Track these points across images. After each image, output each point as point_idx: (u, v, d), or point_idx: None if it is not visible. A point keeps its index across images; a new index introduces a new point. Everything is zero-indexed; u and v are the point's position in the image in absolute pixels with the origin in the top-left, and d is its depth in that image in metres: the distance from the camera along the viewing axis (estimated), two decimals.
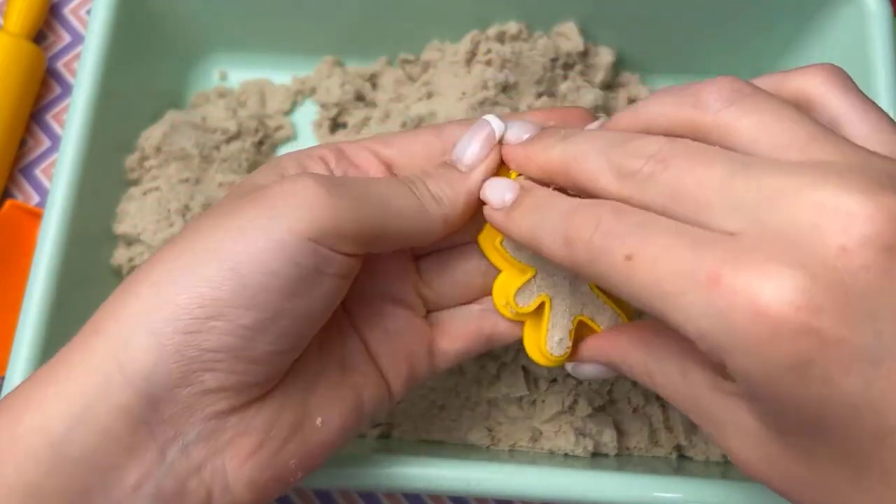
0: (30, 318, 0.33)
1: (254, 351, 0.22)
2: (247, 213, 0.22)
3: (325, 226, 0.22)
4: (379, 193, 0.24)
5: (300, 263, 0.22)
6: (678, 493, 0.30)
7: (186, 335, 0.21)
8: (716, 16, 0.40)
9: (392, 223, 0.24)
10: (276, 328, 0.22)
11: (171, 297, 0.22)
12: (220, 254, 0.22)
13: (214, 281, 0.21)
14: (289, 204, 0.22)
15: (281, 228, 0.22)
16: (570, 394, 0.35)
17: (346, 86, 0.42)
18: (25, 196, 0.43)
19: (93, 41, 0.37)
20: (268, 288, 0.22)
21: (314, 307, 0.23)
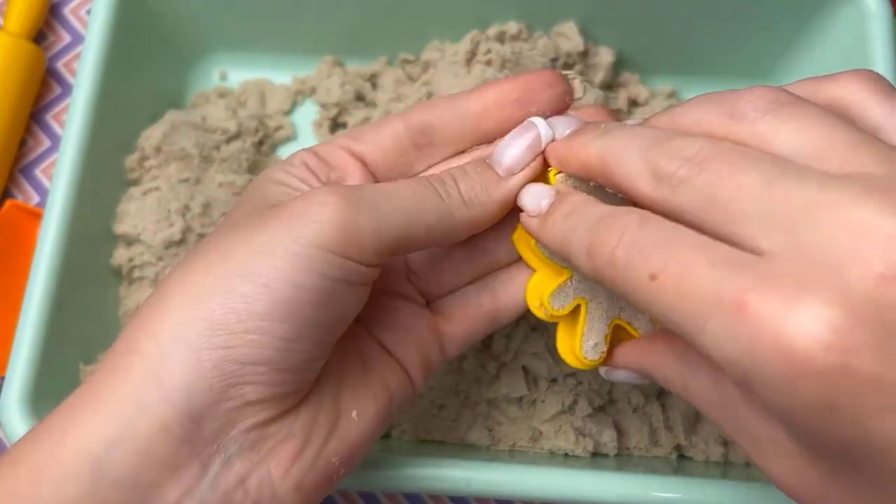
0: (30, 318, 0.33)
1: (290, 361, 0.23)
2: (272, 230, 0.23)
3: (347, 240, 0.23)
4: (404, 201, 0.24)
5: (327, 276, 0.22)
6: (678, 493, 0.30)
7: (224, 350, 0.22)
8: (716, 16, 0.40)
9: (417, 231, 0.24)
10: (308, 337, 0.23)
11: (208, 313, 0.22)
12: (251, 270, 0.22)
13: (248, 297, 0.22)
14: (311, 219, 0.23)
15: (306, 244, 0.22)
16: (570, 394, 0.35)
17: (346, 86, 0.42)
18: (25, 196, 0.43)
19: (93, 41, 0.37)
20: (299, 301, 0.22)
21: (342, 315, 0.24)
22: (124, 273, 0.38)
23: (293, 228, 0.23)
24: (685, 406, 0.35)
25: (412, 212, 0.24)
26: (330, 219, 0.23)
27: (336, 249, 0.22)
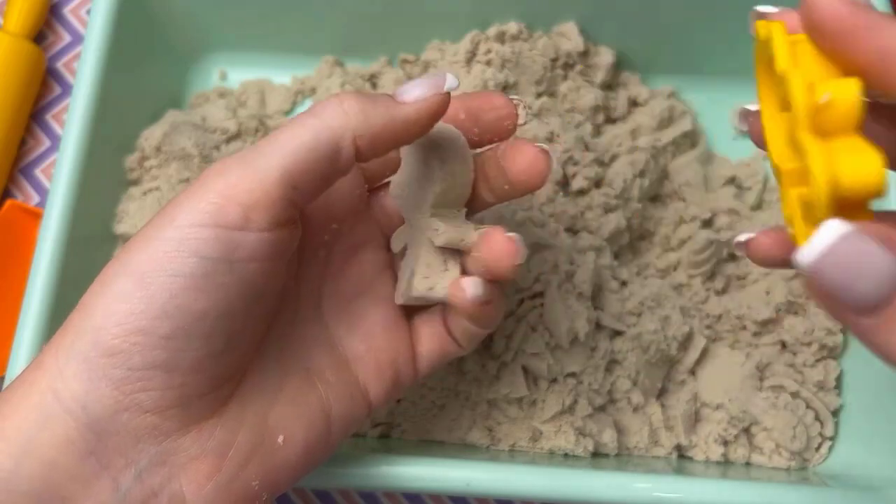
0: (30, 318, 0.33)
1: (183, 360, 0.21)
2: (156, 219, 0.22)
3: (220, 206, 0.21)
4: (274, 138, 0.22)
5: (204, 256, 0.21)
6: (678, 493, 0.30)
7: (111, 357, 0.21)
8: (716, 16, 0.40)
9: (298, 159, 0.22)
10: (198, 331, 0.21)
11: (94, 319, 0.21)
12: (129, 266, 0.21)
13: (125, 295, 0.21)
14: (188, 198, 0.21)
15: (177, 225, 0.21)
16: (571, 394, 0.35)
17: (346, 86, 0.42)
18: (25, 196, 0.43)
19: (93, 41, 0.37)
20: (174, 291, 0.21)
21: (235, 299, 0.22)
22: None
23: (172, 213, 0.21)
24: (685, 406, 0.35)
25: (289, 143, 0.22)
26: (202, 190, 0.21)
27: (209, 220, 0.21)
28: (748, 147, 0.43)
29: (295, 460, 0.24)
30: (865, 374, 0.35)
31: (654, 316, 0.36)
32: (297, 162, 0.22)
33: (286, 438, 0.24)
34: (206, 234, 0.21)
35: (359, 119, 0.22)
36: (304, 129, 0.22)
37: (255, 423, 0.23)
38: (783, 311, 0.37)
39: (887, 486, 0.31)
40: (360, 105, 0.22)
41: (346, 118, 0.22)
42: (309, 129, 0.22)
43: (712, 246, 0.37)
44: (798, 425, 0.35)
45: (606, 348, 0.35)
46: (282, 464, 0.24)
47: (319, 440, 0.25)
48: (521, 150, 0.26)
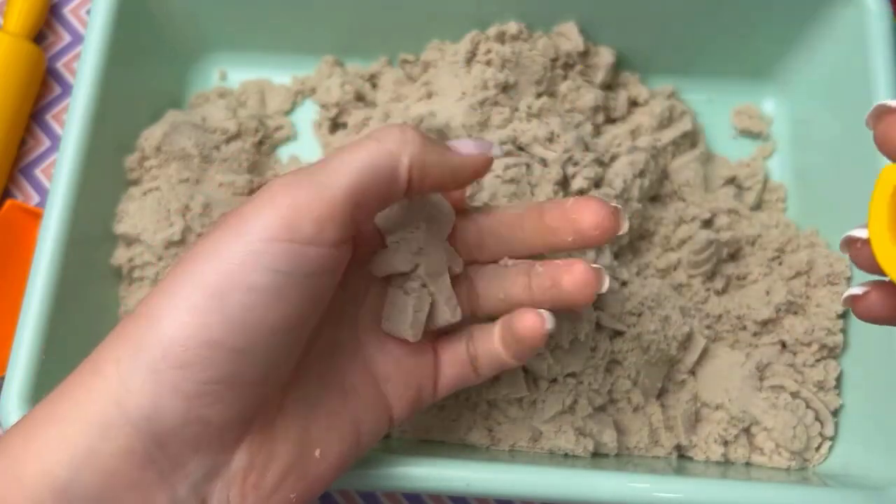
0: (30, 318, 0.33)
1: (250, 374, 0.22)
2: (220, 232, 0.22)
3: (291, 219, 0.21)
4: (342, 157, 0.23)
5: (277, 270, 0.21)
6: (678, 493, 0.30)
7: (181, 369, 0.21)
8: (716, 16, 0.40)
9: (365, 179, 0.23)
10: (267, 344, 0.22)
11: (163, 331, 0.21)
12: (199, 277, 0.21)
13: (199, 308, 0.21)
14: (256, 211, 0.22)
15: (250, 239, 0.21)
16: (571, 394, 0.35)
17: (346, 86, 0.42)
18: (25, 196, 0.43)
19: (93, 41, 0.37)
20: (251, 305, 0.21)
21: (302, 313, 0.22)
22: (124, 273, 0.38)
23: (238, 225, 0.22)
24: (685, 406, 0.35)
25: (354, 163, 0.23)
26: (274, 202, 0.22)
27: (282, 235, 0.21)
28: (748, 147, 0.43)
29: (327, 472, 0.25)
30: (865, 374, 0.35)
31: (654, 316, 0.36)
32: (361, 181, 0.22)
33: (322, 452, 0.25)
34: (279, 248, 0.21)
35: (416, 148, 0.24)
36: (367, 150, 0.23)
37: (298, 437, 0.24)
38: (783, 311, 0.37)
39: (887, 486, 0.31)
40: (420, 138, 0.24)
41: (405, 145, 0.23)
42: (372, 151, 0.23)
43: (712, 246, 0.37)
44: (798, 425, 0.35)
45: (606, 348, 0.35)
46: (316, 475, 0.24)
47: (350, 453, 0.26)
48: (591, 206, 0.27)
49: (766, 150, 0.42)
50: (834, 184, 0.38)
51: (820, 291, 0.37)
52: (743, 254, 0.39)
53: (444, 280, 0.28)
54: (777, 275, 0.38)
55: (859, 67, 0.36)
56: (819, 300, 0.37)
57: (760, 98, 0.43)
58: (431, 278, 0.27)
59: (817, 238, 0.38)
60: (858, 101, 0.36)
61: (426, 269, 0.27)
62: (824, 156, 0.40)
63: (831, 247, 0.38)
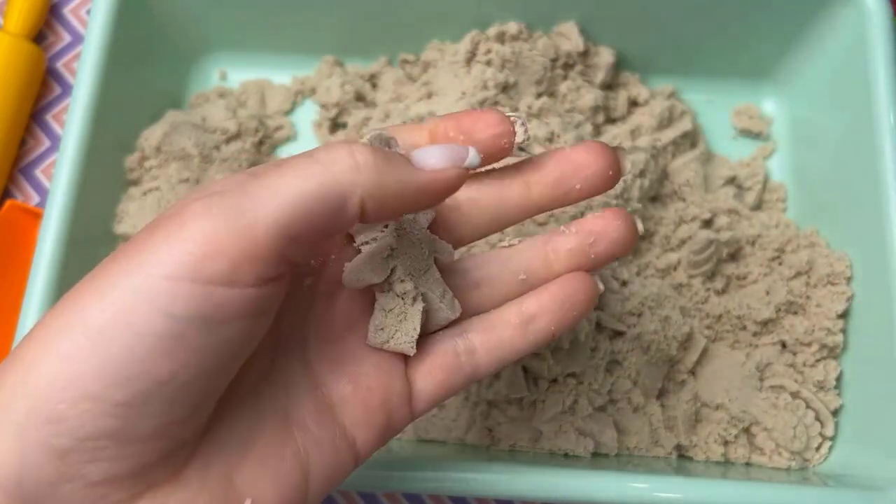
0: (30, 318, 0.33)
1: (140, 428, 0.18)
2: (113, 263, 0.18)
3: (197, 252, 0.18)
4: (274, 181, 0.19)
5: (172, 315, 0.17)
6: (678, 493, 0.30)
7: (54, 425, 0.18)
8: (716, 16, 0.40)
9: (298, 210, 0.18)
10: (162, 397, 0.18)
11: (34, 380, 0.18)
12: (82, 321, 0.18)
13: (74, 355, 0.17)
14: (157, 241, 0.18)
15: (147, 273, 0.18)
16: (571, 394, 0.35)
17: (346, 86, 0.42)
18: (25, 196, 0.43)
19: (93, 41, 0.37)
20: (136, 353, 0.17)
21: (211, 363, 0.18)
22: None
23: (135, 257, 0.18)
24: (685, 406, 0.35)
25: (289, 191, 0.18)
26: (177, 234, 0.18)
27: (186, 274, 0.17)
28: (748, 147, 0.43)
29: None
30: (865, 374, 0.35)
31: (655, 316, 0.36)
32: (295, 214, 0.18)
33: (255, 501, 0.21)
34: (182, 289, 0.18)
35: (371, 178, 0.19)
36: (307, 177, 0.19)
37: (219, 486, 0.20)
38: (783, 311, 0.37)
39: (887, 486, 0.31)
40: (374, 162, 0.19)
41: (356, 174, 0.19)
42: (313, 179, 0.19)
43: (712, 246, 0.37)
44: (798, 425, 0.35)
45: (607, 348, 0.35)
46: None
47: (295, 499, 0.21)
48: (593, 148, 0.24)
49: (766, 150, 0.42)
50: (834, 184, 0.38)
51: (820, 291, 0.37)
52: (743, 254, 0.39)
53: (431, 274, 0.24)
54: (777, 275, 0.38)
55: (859, 67, 0.36)
56: (819, 300, 0.37)
57: (760, 98, 0.44)
58: (416, 278, 0.24)
59: (817, 238, 0.38)
60: (858, 101, 0.36)
61: (406, 270, 0.24)
62: (824, 156, 0.40)
63: (831, 247, 0.38)
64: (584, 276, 0.25)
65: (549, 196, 0.25)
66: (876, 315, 0.34)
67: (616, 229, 0.25)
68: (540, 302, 0.25)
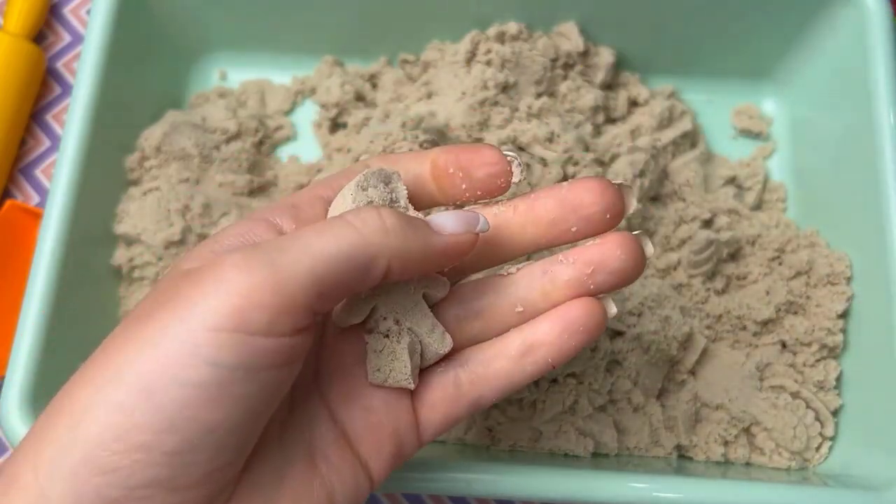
0: (30, 318, 0.33)
1: (186, 477, 0.19)
2: (157, 317, 0.19)
3: (241, 305, 0.19)
4: (307, 240, 0.20)
5: (219, 364, 0.19)
6: (678, 493, 0.30)
7: (106, 475, 0.18)
8: (716, 16, 0.40)
9: (330, 270, 0.20)
10: (209, 444, 0.19)
11: (84, 432, 0.19)
12: (129, 372, 0.19)
13: (126, 406, 0.18)
14: (201, 294, 0.19)
15: (191, 327, 0.19)
16: (571, 394, 0.35)
17: (346, 86, 0.42)
18: (25, 196, 0.43)
19: (93, 41, 0.37)
20: (184, 403, 0.18)
21: (252, 409, 0.20)
22: (124, 273, 0.38)
23: (180, 311, 0.19)
24: (685, 406, 0.35)
25: (323, 249, 0.20)
26: (219, 288, 0.19)
27: (228, 325, 0.19)
28: (748, 147, 0.43)
29: None
30: (865, 374, 0.35)
31: (655, 316, 0.36)
32: (328, 271, 0.20)
33: None
34: (225, 340, 0.19)
35: (398, 241, 0.21)
36: (340, 238, 0.20)
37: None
38: (783, 311, 0.37)
39: (887, 486, 0.31)
40: (401, 227, 0.21)
41: (386, 238, 0.21)
42: (345, 240, 0.20)
43: (712, 246, 0.37)
44: (798, 425, 0.35)
45: (607, 348, 0.35)
46: None
47: None
48: (591, 187, 0.24)
49: (766, 150, 0.42)
50: (834, 184, 0.38)
51: (820, 291, 0.37)
52: (743, 254, 0.39)
53: (419, 310, 0.24)
54: (777, 275, 0.38)
55: (859, 67, 0.36)
56: (819, 300, 0.37)
57: (760, 98, 0.44)
58: (401, 315, 0.24)
59: (817, 238, 0.38)
60: (858, 101, 0.36)
61: (389, 308, 0.24)
62: (824, 156, 0.40)
63: (831, 247, 0.38)
64: (586, 304, 0.24)
65: (545, 237, 0.25)
66: (876, 315, 0.34)
67: (617, 259, 0.24)
68: (539, 331, 0.25)
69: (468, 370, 0.25)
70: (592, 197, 0.24)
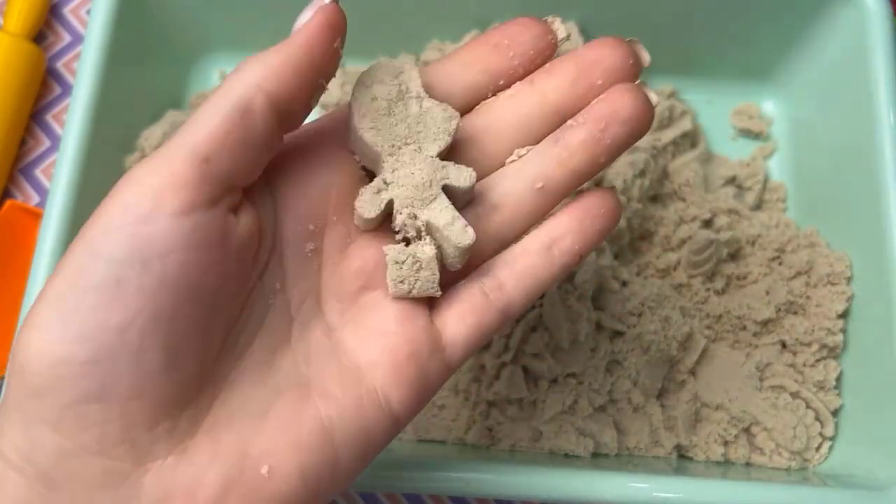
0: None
1: (116, 387, 0.18)
2: None
3: (128, 195, 0.19)
4: (184, 125, 0.20)
5: (112, 259, 0.19)
6: (678, 493, 0.30)
7: (41, 397, 0.18)
8: (716, 16, 0.40)
9: (201, 133, 0.20)
10: (125, 349, 0.18)
11: (17, 358, 0.19)
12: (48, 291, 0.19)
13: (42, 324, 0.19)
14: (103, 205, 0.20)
15: (90, 234, 0.19)
16: (571, 394, 0.35)
17: (345, 86, 0.42)
18: (25, 196, 0.43)
19: (93, 41, 0.37)
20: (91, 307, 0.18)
21: (160, 306, 0.19)
22: None
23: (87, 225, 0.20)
24: (685, 406, 0.35)
25: (192, 121, 0.20)
26: (113, 195, 0.20)
27: (117, 219, 0.19)
28: (748, 147, 0.43)
29: (290, 490, 0.20)
30: (865, 374, 0.35)
31: (655, 316, 0.36)
32: (203, 133, 0.20)
33: (273, 468, 0.20)
34: (113, 234, 0.19)
35: (259, 71, 0.21)
36: (208, 102, 0.20)
37: (230, 455, 0.20)
38: (783, 311, 0.37)
39: (887, 486, 0.31)
40: (259, 57, 0.21)
41: (246, 75, 0.21)
42: (212, 99, 0.20)
43: (712, 246, 0.37)
44: (798, 425, 0.35)
45: (607, 348, 0.35)
46: (272, 496, 0.20)
47: (322, 466, 0.21)
48: (608, 43, 0.23)
49: (766, 150, 0.42)
50: (834, 184, 0.38)
51: (820, 291, 0.37)
52: (743, 254, 0.39)
53: (439, 203, 0.22)
54: (777, 275, 0.38)
55: (859, 67, 0.36)
56: (819, 300, 0.37)
57: (760, 98, 0.44)
58: (418, 209, 0.22)
59: (817, 238, 0.38)
60: (858, 101, 0.36)
61: (403, 203, 0.22)
62: (824, 156, 0.40)
63: (831, 247, 0.38)
64: (602, 191, 0.24)
65: (570, 98, 0.23)
66: (876, 315, 0.34)
67: (626, 106, 0.23)
68: (559, 223, 0.24)
69: (493, 276, 0.23)
70: (608, 49, 0.23)
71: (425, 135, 0.23)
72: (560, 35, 0.24)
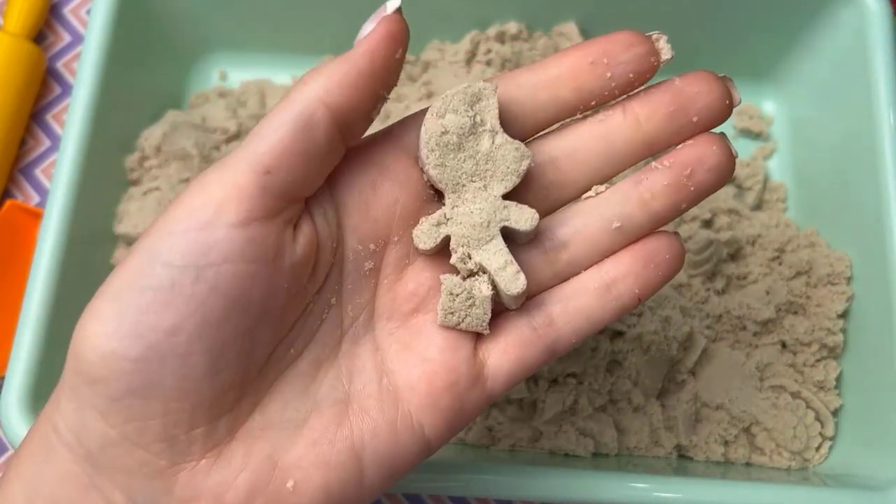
0: (30, 318, 0.33)
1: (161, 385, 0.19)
2: None
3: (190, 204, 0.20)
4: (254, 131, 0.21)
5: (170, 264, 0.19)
6: (678, 493, 0.30)
7: (92, 385, 0.19)
8: (716, 16, 0.40)
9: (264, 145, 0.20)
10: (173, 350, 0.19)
11: (76, 345, 0.20)
12: (107, 284, 0.20)
13: (101, 317, 0.20)
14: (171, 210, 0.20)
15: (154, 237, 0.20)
16: (571, 394, 0.35)
17: None
18: (25, 196, 0.43)
19: (93, 41, 0.37)
20: (145, 308, 0.19)
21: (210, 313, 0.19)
22: None
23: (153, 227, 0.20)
24: (685, 406, 0.35)
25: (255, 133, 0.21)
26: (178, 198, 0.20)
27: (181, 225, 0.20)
28: (748, 147, 0.43)
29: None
30: (865, 374, 0.35)
31: (655, 316, 0.36)
32: (265, 145, 0.20)
33: (298, 483, 0.20)
34: (175, 239, 0.19)
35: (322, 83, 0.21)
36: (272, 114, 0.21)
37: (260, 465, 0.20)
38: (783, 311, 0.37)
39: (887, 486, 0.31)
40: (322, 69, 0.21)
41: (308, 87, 0.21)
42: (276, 112, 0.21)
43: (712, 246, 0.37)
44: (798, 425, 0.35)
45: (607, 348, 0.35)
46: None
47: (348, 484, 0.21)
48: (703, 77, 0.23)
49: (766, 150, 0.42)
50: (834, 184, 0.38)
51: (820, 291, 0.37)
52: (743, 254, 0.39)
53: (494, 245, 0.22)
54: (777, 275, 0.38)
55: (859, 67, 0.36)
56: (819, 300, 0.37)
57: (760, 98, 0.44)
58: (472, 248, 0.22)
59: (817, 238, 0.38)
60: (858, 101, 0.36)
61: (459, 241, 0.22)
62: (824, 156, 0.40)
63: (831, 247, 0.38)
64: (668, 235, 0.23)
65: (664, 132, 0.23)
66: (876, 315, 0.34)
67: (713, 155, 0.22)
68: (621, 263, 0.23)
69: (544, 312, 0.23)
70: (707, 85, 0.22)
71: (493, 173, 0.22)
72: (664, 57, 0.23)
